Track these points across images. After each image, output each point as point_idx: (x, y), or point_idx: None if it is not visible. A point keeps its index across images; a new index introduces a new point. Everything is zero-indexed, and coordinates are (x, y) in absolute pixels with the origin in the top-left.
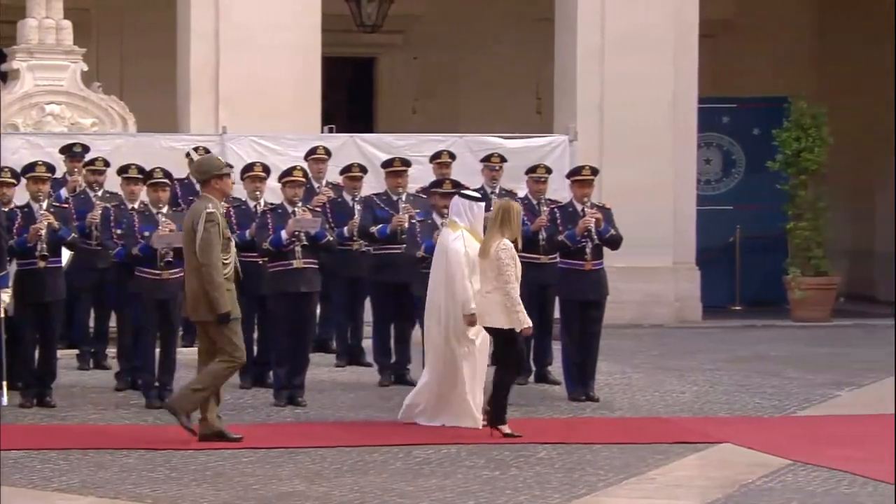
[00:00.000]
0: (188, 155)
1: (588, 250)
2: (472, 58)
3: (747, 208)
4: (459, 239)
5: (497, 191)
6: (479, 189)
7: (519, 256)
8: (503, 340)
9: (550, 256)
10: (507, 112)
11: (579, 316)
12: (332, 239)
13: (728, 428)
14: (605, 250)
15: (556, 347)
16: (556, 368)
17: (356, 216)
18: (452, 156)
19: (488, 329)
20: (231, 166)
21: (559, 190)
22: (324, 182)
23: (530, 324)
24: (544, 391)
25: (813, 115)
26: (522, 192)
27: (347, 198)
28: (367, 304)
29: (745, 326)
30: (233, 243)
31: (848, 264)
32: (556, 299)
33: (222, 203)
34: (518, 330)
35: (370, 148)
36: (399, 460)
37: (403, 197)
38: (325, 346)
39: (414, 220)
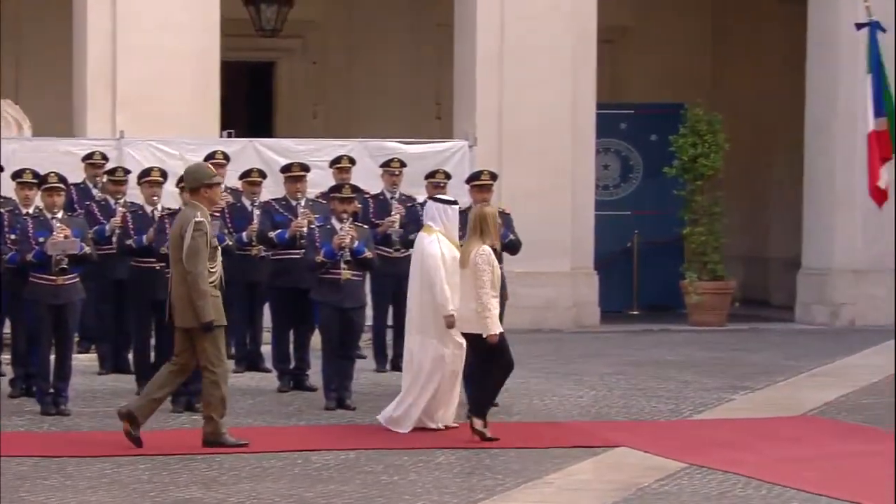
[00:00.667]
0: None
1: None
2: (371, 63)
3: (645, 213)
4: (435, 243)
5: (397, 195)
6: (379, 194)
7: None
8: (478, 347)
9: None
10: (406, 117)
11: None
12: (230, 244)
13: (625, 432)
14: (505, 255)
15: None
16: None
17: (255, 221)
18: (352, 161)
19: (466, 335)
20: (128, 171)
21: (458, 195)
22: (223, 187)
23: (498, 331)
24: None
25: (708, 121)
26: (422, 197)
27: (246, 203)
28: (266, 309)
29: (642, 331)
30: (219, 251)
31: (743, 269)
32: None
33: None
34: (484, 336)
35: (269, 153)
36: (298, 466)
37: (303, 202)
38: None
39: (313, 226)
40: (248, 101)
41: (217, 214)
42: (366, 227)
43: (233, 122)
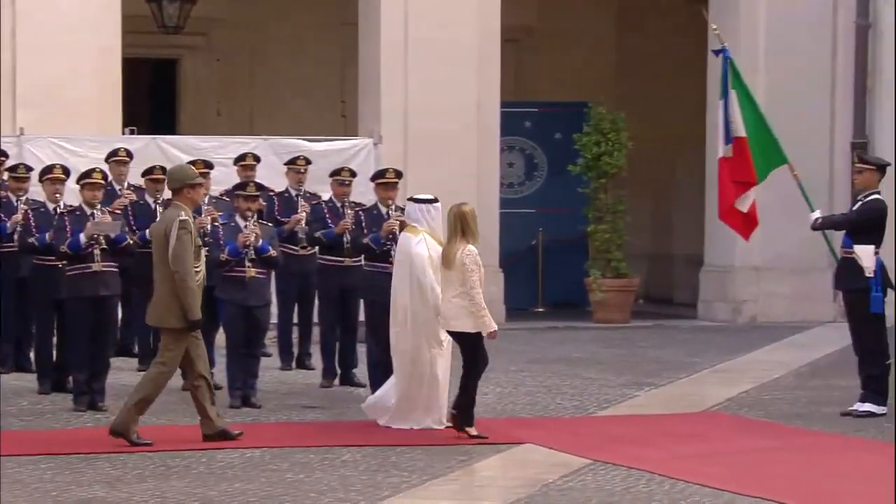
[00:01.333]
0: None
1: (393, 253)
2: (276, 61)
3: (549, 211)
4: (422, 243)
5: (302, 193)
6: (284, 192)
7: (323, 260)
8: (469, 344)
9: (355, 259)
10: (312, 115)
11: (384, 318)
12: (133, 242)
13: (530, 428)
14: None
15: (362, 350)
16: (361, 371)
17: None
18: (257, 158)
19: (454, 333)
20: (30, 168)
21: (364, 193)
22: (125, 184)
23: (496, 327)
24: (349, 394)
25: (612, 119)
26: (327, 194)
27: (149, 200)
28: None
29: (547, 328)
30: (203, 251)
31: (647, 267)
32: (361, 302)
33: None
34: (485, 334)
35: (173, 150)
36: (202, 464)
37: (206, 200)
38: (128, 350)
39: (217, 223)
40: (152, 99)
41: (119, 212)
42: (270, 225)
43: (136, 119)
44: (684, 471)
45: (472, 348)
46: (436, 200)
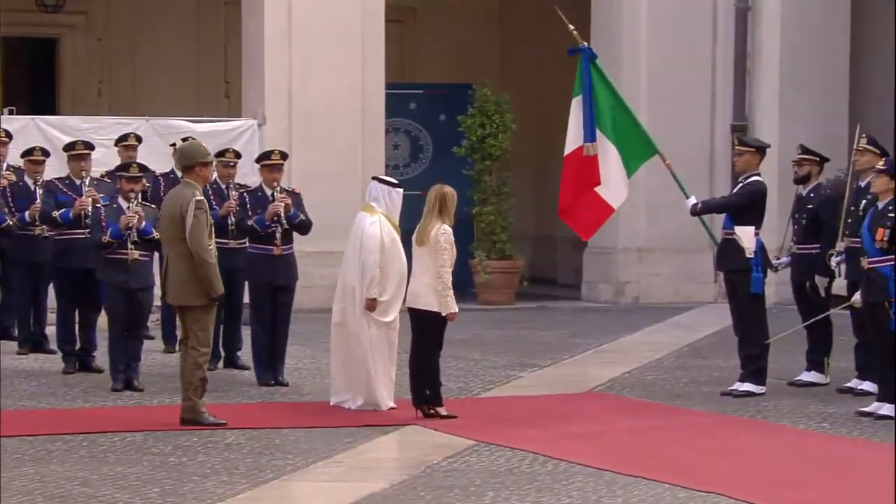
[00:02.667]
0: (173, 144)
1: (278, 235)
2: (158, 40)
3: None
4: (376, 224)
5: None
6: (169, 172)
7: None
8: (434, 324)
9: (239, 241)
10: (195, 95)
11: (269, 300)
12: (12, 223)
13: (413, 410)
14: (295, 235)
15: (246, 332)
16: (245, 353)
17: (38, 201)
18: (139, 139)
19: (419, 312)
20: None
21: (248, 174)
22: (4, 166)
23: (456, 309)
24: (233, 376)
25: (496, 101)
26: (212, 176)
27: (29, 182)
28: (51, 290)
29: None
30: (212, 229)
31: (531, 248)
32: (246, 284)
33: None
34: (444, 314)
35: (53, 131)
36: (83, 448)
37: (87, 181)
38: (7, 334)
39: (98, 205)
40: (31, 78)
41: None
42: (154, 206)
43: (14, 99)
44: (567, 451)
45: (436, 329)
46: (400, 186)
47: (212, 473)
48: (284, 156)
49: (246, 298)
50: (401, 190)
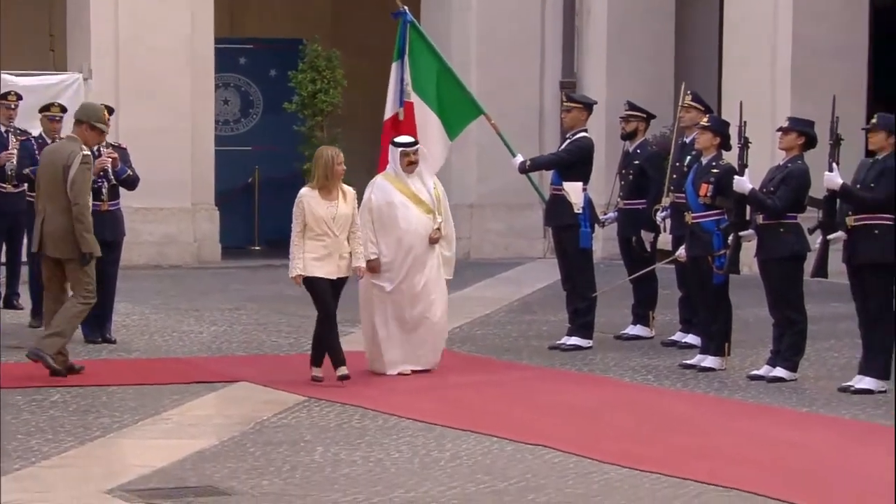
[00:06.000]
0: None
1: (104, 191)
2: None
3: (265, 149)
4: (369, 187)
5: (13, 129)
6: None
7: (32, 197)
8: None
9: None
10: (19, 48)
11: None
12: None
13: (245, 366)
14: (122, 190)
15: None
16: None
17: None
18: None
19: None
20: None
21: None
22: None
23: (296, 273)
24: None
25: (327, 57)
26: (37, 130)
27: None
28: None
29: (263, 266)
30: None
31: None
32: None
33: None
34: (290, 276)
35: None
36: None
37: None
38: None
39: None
40: None
41: None
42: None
43: None
44: (397, 406)
45: (310, 293)
46: (404, 145)
47: (36, 432)
48: (111, 111)
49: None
50: (398, 149)
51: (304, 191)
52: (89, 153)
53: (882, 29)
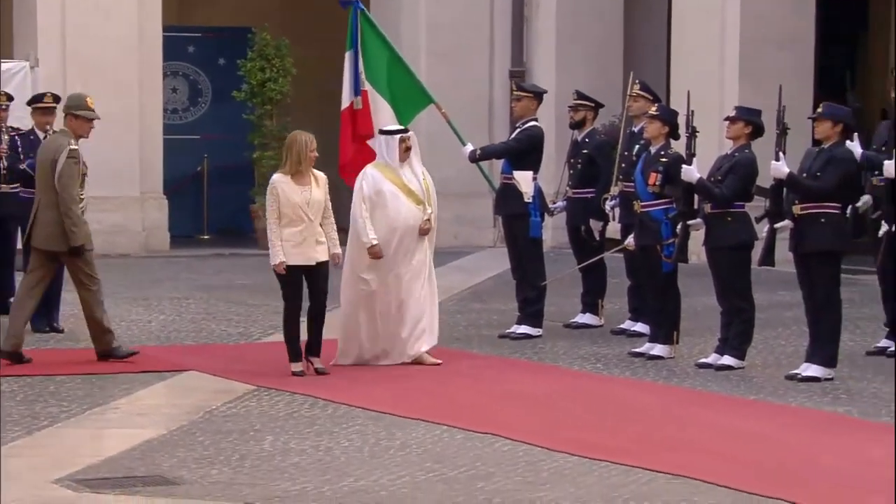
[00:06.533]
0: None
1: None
2: None
3: (214, 138)
4: (360, 177)
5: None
6: None
7: None
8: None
9: (12, 186)
10: None
11: None
12: None
13: (194, 356)
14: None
15: (19, 278)
16: None
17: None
18: None
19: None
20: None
21: (22, 118)
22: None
23: (277, 260)
24: (5, 323)
25: (276, 45)
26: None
27: None
28: None
29: (212, 255)
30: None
31: None
32: (19, 230)
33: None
34: (272, 264)
35: None
36: None
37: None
38: None
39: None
40: None
41: None
42: None
43: None
44: (347, 395)
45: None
46: (398, 132)
47: None
48: (58, 98)
49: (19, 244)
50: (396, 136)
51: (276, 177)
52: (77, 147)
53: (828, 18)
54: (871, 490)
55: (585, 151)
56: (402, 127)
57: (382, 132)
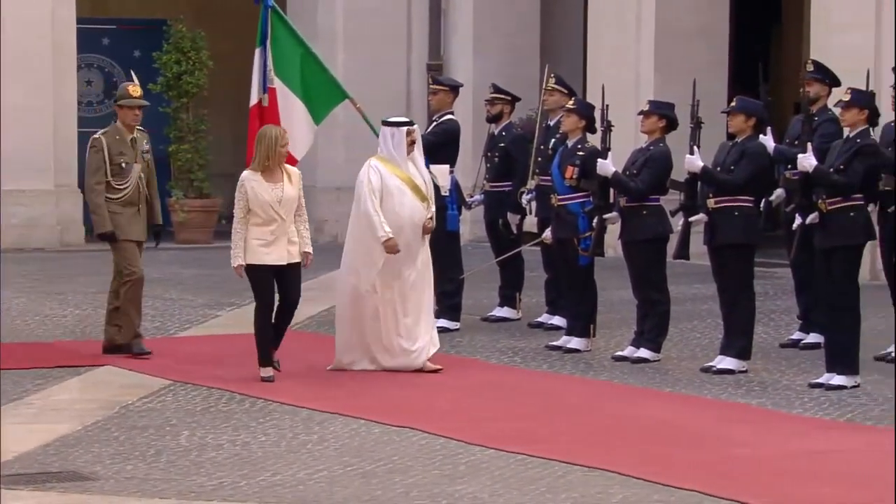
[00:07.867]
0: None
1: None
2: None
3: None
4: (365, 168)
5: None
6: None
7: None
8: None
9: None
10: None
11: None
12: None
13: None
14: None
15: None
16: None
17: None
18: None
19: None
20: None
21: None
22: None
23: (235, 263)
24: None
25: (192, 38)
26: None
27: None
28: None
29: None
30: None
31: (229, 187)
32: None
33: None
34: (233, 266)
35: None
36: None
37: None
38: None
39: None
40: None
41: None
42: None
43: None
44: (264, 389)
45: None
46: (402, 125)
47: None
48: None
49: None
50: (403, 128)
51: (246, 174)
52: (99, 137)
53: (743, 10)
54: (785, 479)
55: (502, 145)
56: (405, 119)
57: (387, 123)
